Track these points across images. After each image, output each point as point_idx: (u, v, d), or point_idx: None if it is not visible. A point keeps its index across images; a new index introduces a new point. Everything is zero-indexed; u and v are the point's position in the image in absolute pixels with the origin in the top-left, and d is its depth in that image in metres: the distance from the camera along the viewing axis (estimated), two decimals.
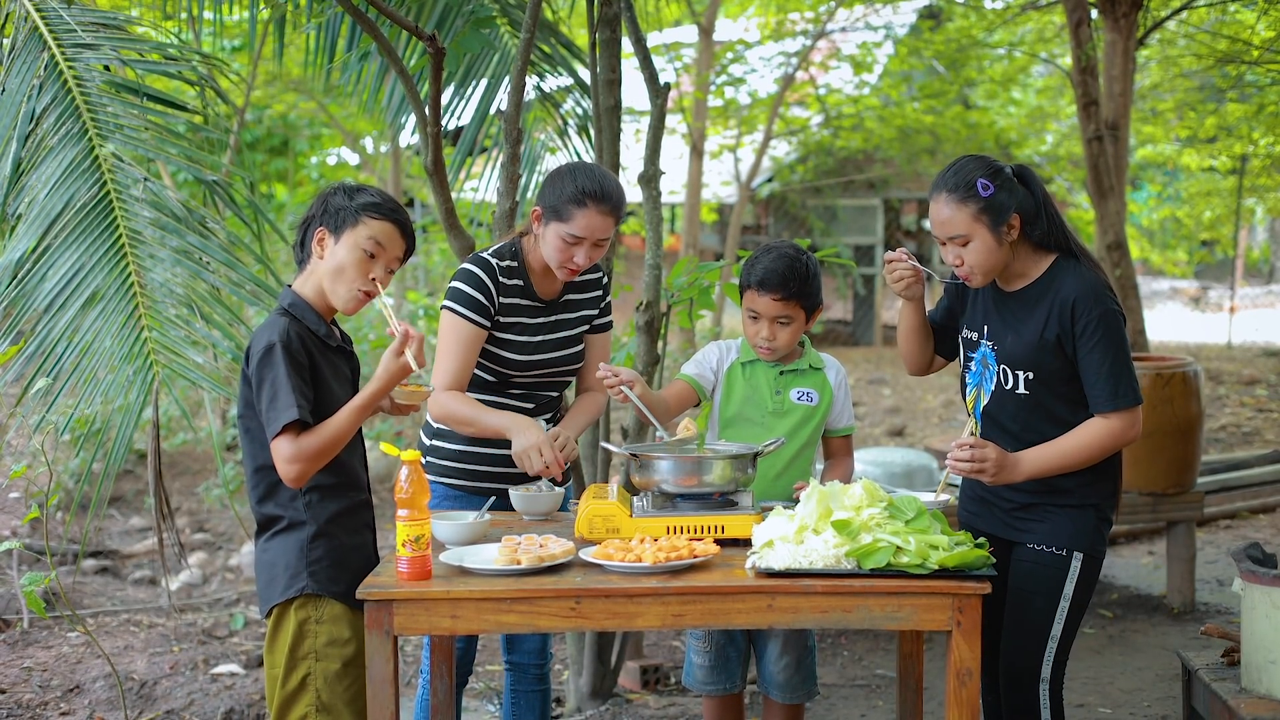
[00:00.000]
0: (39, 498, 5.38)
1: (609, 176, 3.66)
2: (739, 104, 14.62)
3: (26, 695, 5.23)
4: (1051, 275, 3.36)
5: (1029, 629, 3.37)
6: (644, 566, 2.97)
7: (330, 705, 3.09)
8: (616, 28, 4.84)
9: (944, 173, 3.36)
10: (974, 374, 3.51)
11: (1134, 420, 3.32)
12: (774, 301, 3.72)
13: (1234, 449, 10.09)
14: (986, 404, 3.46)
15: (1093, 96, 8.75)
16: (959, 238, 3.30)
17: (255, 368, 3.07)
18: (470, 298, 3.66)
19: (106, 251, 4.47)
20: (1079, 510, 3.38)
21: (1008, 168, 3.35)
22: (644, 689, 5.28)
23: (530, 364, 3.75)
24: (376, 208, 3.18)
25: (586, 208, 3.56)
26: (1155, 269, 21.64)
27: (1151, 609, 6.32)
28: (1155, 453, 6.03)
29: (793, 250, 3.78)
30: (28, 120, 4.64)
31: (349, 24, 5.73)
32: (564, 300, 3.82)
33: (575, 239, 3.58)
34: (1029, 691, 3.37)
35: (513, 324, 3.73)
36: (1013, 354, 3.38)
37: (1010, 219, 3.30)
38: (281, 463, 3.03)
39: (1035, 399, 3.37)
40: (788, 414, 3.80)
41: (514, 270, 3.74)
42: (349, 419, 3.10)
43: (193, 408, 9.63)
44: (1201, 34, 10.89)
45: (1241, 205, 16.92)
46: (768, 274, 3.72)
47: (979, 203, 3.27)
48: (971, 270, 3.34)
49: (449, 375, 3.65)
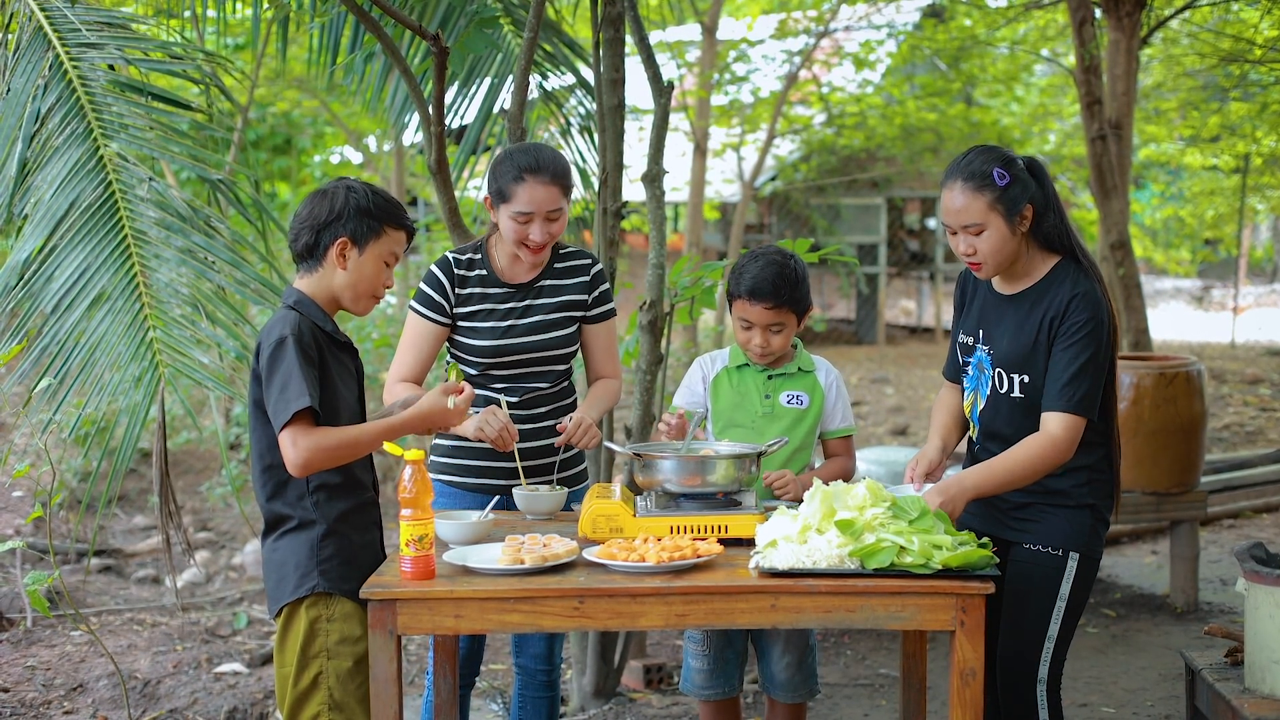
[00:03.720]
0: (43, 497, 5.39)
1: (544, 150, 3.74)
2: (742, 103, 14.61)
3: (30, 694, 5.24)
4: (1051, 279, 3.35)
5: (1025, 630, 3.36)
6: (647, 566, 2.98)
7: (343, 703, 3.10)
8: (620, 27, 4.84)
9: (958, 161, 3.34)
10: (970, 378, 3.50)
11: (1074, 432, 3.25)
12: (766, 310, 3.73)
13: (1237, 448, 10.08)
14: (983, 408, 3.45)
15: (1096, 95, 8.74)
16: (973, 226, 3.29)
17: (266, 360, 3.06)
18: (425, 295, 3.82)
19: (112, 251, 4.47)
20: (1075, 510, 3.36)
21: (1020, 159, 3.34)
22: (647, 688, 5.29)
23: (500, 349, 3.78)
24: (396, 217, 3.22)
25: (525, 182, 3.65)
26: (1159, 268, 21.61)
27: (1155, 608, 6.32)
28: (1158, 452, 6.03)
29: (780, 256, 3.77)
30: (33, 120, 4.65)
31: (353, 23, 5.73)
32: (539, 286, 3.84)
33: (524, 215, 3.67)
34: (1026, 693, 3.36)
35: (476, 312, 3.81)
36: (1007, 357, 3.36)
37: (1024, 209, 3.29)
38: (289, 448, 3.01)
39: (1029, 403, 3.34)
40: (778, 418, 3.80)
41: (475, 262, 3.84)
42: (375, 434, 3.14)
43: (196, 406, 9.63)
44: (1204, 33, 10.88)
45: (1245, 204, 16.90)
46: (758, 283, 3.71)
47: (994, 191, 3.26)
48: (984, 260, 3.32)
49: (404, 368, 3.83)
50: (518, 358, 3.81)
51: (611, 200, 4.87)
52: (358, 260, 3.18)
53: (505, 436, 3.58)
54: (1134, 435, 5.98)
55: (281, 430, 3.02)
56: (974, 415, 3.50)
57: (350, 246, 3.17)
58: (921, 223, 19.36)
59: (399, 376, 3.81)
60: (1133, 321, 8.89)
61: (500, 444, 3.59)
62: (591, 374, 3.98)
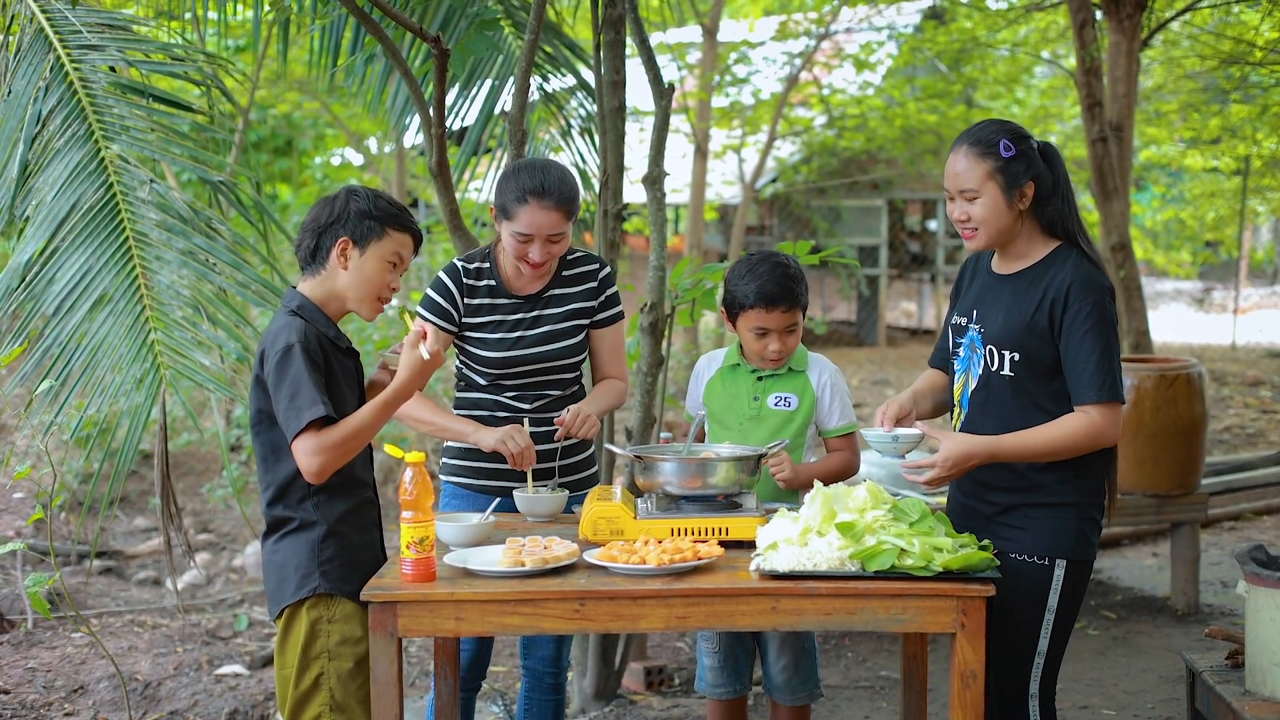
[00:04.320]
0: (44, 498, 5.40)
1: (552, 172, 3.68)
2: (743, 105, 14.61)
3: (31, 696, 5.24)
4: (1050, 261, 3.30)
5: (1014, 644, 3.28)
6: (648, 568, 2.98)
7: (344, 704, 3.10)
8: (621, 28, 4.85)
9: (970, 128, 3.33)
10: (962, 359, 3.44)
11: (1115, 418, 3.21)
12: (784, 314, 3.73)
13: (1238, 450, 10.08)
14: (974, 389, 3.38)
15: (1097, 98, 8.75)
16: (969, 191, 3.26)
17: (274, 368, 3.06)
18: (433, 302, 3.80)
19: (113, 253, 4.48)
20: (1058, 512, 3.27)
21: (1035, 139, 3.31)
22: (648, 690, 5.29)
23: (510, 360, 3.78)
24: (399, 220, 3.21)
25: (529, 204, 3.63)
26: (1159, 270, 21.61)
27: (1155, 611, 6.32)
28: (1159, 454, 6.03)
29: (780, 258, 3.78)
30: (34, 122, 4.65)
31: (353, 25, 5.73)
32: (547, 296, 3.83)
33: (524, 236, 3.65)
34: (1018, 707, 3.30)
35: (485, 323, 3.79)
36: (1001, 334, 3.30)
37: (1024, 186, 3.26)
38: (305, 457, 3.02)
39: (1019, 382, 3.28)
40: (764, 420, 3.79)
41: (483, 271, 3.82)
42: (374, 414, 3.12)
43: (198, 408, 9.64)
44: (1205, 35, 10.88)
45: (1245, 206, 16.90)
46: (772, 290, 3.70)
47: (997, 161, 3.24)
48: (977, 227, 3.29)
49: None
50: (528, 368, 3.80)
51: (612, 202, 4.87)
52: (359, 261, 3.18)
53: (527, 455, 3.59)
54: (1135, 437, 5.98)
55: (294, 439, 3.03)
56: (964, 399, 3.42)
57: (351, 246, 3.18)
58: (923, 224, 19.35)
59: None
60: (1133, 323, 8.89)
61: (516, 461, 3.59)
62: (597, 375, 3.97)
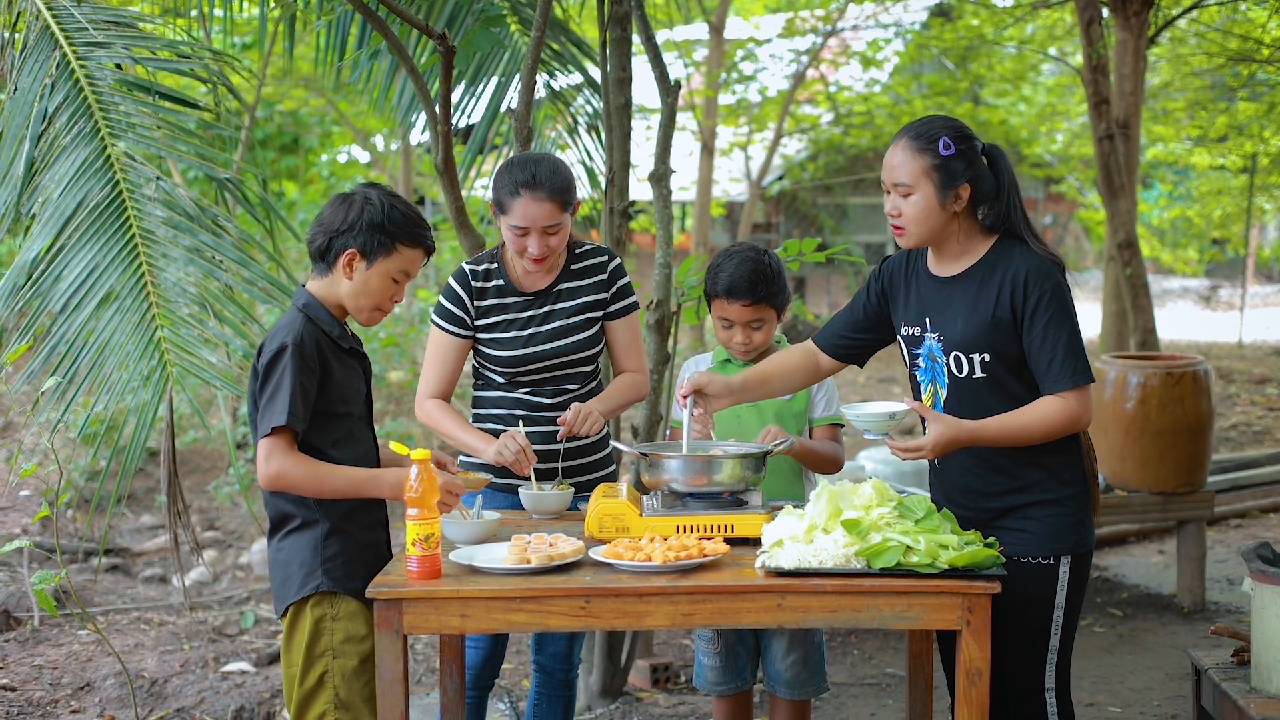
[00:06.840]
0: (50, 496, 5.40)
1: (544, 164, 3.68)
2: (749, 102, 14.62)
3: (37, 693, 5.25)
4: (995, 255, 3.24)
5: (1027, 643, 3.27)
6: (653, 565, 2.98)
7: (349, 702, 3.10)
8: (627, 26, 4.85)
9: (913, 122, 3.26)
10: (924, 371, 3.36)
11: (1089, 400, 3.19)
12: (745, 308, 3.76)
13: (1244, 448, 10.07)
14: (946, 398, 3.30)
15: (1104, 95, 8.73)
16: (903, 186, 3.19)
17: (264, 365, 3.08)
18: (445, 309, 3.82)
19: (120, 250, 4.48)
20: (1053, 509, 3.24)
21: (980, 141, 3.24)
22: (654, 687, 5.29)
23: (524, 358, 3.78)
24: (412, 235, 3.17)
25: (521, 197, 3.63)
26: (1166, 268, 21.61)
27: (1161, 608, 6.31)
28: (1165, 452, 6.02)
29: (754, 253, 3.79)
30: (40, 119, 4.65)
31: (359, 21, 5.74)
32: (557, 291, 3.83)
33: (520, 229, 3.65)
34: (1035, 702, 3.30)
35: (497, 322, 3.80)
36: (965, 338, 3.23)
37: (959, 188, 3.18)
38: (262, 460, 3.04)
39: (995, 380, 3.23)
40: (761, 411, 3.83)
41: (491, 272, 3.83)
42: (343, 482, 3.09)
43: (204, 405, 9.65)
44: (1212, 33, 10.86)
45: (1252, 204, 16.88)
46: (734, 281, 3.73)
47: (934, 159, 3.16)
48: (906, 225, 3.22)
49: (431, 383, 3.84)
50: (542, 364, 3.80)
51: (618, 199, 4.87)
52: (364, 274, 3.16)
53: (523, 459, 3.58)
54: (1141, 435, 5.97)
55: (260, 439, 3.04)
56: (937, 409, 3.33)
57: (359, 259, 3.15)
58: None
59: (428, 393, 3.82)
60: (1140, 321, 8.87)
61: (518, 467, 3.59)
62: (616, 368, 3.97)
